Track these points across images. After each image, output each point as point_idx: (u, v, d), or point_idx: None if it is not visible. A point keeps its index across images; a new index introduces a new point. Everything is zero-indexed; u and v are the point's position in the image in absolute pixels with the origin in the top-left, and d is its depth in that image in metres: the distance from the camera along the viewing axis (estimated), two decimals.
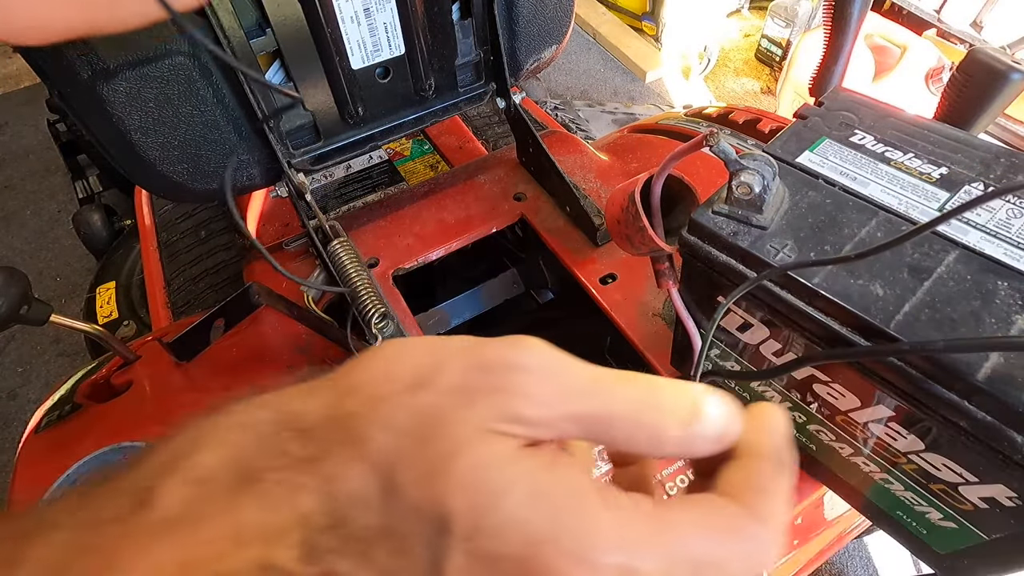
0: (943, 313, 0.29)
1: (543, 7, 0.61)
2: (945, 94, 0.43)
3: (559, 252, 0.64)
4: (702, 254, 0.36)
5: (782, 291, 0.33)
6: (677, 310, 0.42)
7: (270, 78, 0.52)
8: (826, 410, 0.37)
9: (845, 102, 0.42)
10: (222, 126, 0.50)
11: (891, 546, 1.18)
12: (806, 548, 0.54)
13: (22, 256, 1.85)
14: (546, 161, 0.67)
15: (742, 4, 2.57)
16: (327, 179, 0.97)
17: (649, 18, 2.34)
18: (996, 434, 0.26)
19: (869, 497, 0.40)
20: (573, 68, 2.38)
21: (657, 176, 0.39)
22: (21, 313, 0.47)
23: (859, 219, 0.34)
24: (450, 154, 0.99)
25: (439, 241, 0.66)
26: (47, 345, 1.59)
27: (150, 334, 0.70)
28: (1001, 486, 0.29)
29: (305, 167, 0.57)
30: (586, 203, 0.64)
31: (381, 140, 0.60)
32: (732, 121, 0.83)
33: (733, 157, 0.33)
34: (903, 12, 1.87)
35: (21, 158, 2.15)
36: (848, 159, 0.37)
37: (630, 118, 2.04)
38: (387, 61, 0.56)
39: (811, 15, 2.11)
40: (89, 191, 1.52)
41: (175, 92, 0.46)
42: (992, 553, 0.33)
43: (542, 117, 1.16)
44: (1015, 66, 0.39)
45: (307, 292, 0.60)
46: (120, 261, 1.18)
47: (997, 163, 0.35)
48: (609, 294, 0.60)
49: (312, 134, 0.57)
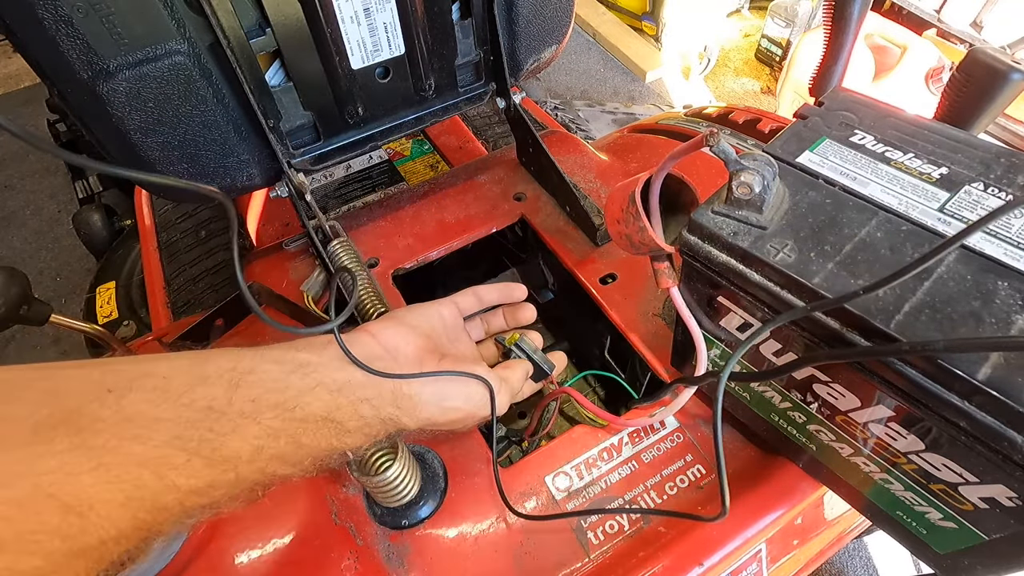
0: (943, 313, 0.29)
1: (543, 7, 0.61)
2: (945, 94, 0.43)
3: (559, 252, 0.64)
4: (702, 254, 0.36)
5: (782, 291, 0.33)
6: (678, 310, 0.42)
7: (270, 78, 0.52)
8: (826, 410, 0.37)
9: (845, 102, 0.42)
10: (222, 126, 0.50)
11: (891, 546, 1.18)
12: (806, 548, 0.54)
13: (22, 256, 1.86)
14: (546, 161, 0.67)
15: (742, 4, 2.57)
16: (327, 179, 0.97)
17: (649, 18, 2.34)
18: (996, 434, 0.26)
19: (869, 497, 0.40)
20: (573, 68, 2.38)
21: (656, 176, 0.39)
22: (21, 313, 0.47)
23: (859, 219, 0.34)
24: (450, 154, 0.99)
25: (439, 241, 0.66)
26: (47, 345, 1.59)
27: (150, 334, 0.70)
28: (1001, 486, 0.29)
29: (305, 167, 0.57)
30: (586, 203, 0.64)
31: (381, 140, 0.60)
32: (732, 121, 0.83)
33: (733, 157, 0.33)
34: (903, 12, 1.87)
35: (21, 158, 2.15)
36: (848, 159, 0.37)
37: (630, 118, 2.04)
38: (387, 61, 0.56)
39: (811, 15, 2.11)
40: (89, 191, 1.51)
41: (175, 92, 0.46)
42: (992, 553, 0.33)
43: (542, 117, 1.16)
44: (1015, 66, 0.39)
45: (307, 292, 0.60)
46: (120, 261, 1.18)
47: (997, 163, 0.35)
48: (609, 294, 0.60)
49: (312, 134, 0.57)
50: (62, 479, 0.22)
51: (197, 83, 0.47)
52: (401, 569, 0.44)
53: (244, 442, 0.29)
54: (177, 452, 0.27)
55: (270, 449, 0.31)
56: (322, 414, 0.34)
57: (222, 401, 0.29)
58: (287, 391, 0.32)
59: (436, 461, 0.49)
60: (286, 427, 0.32)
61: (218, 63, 0.47)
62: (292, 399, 0.32)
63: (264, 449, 0.30)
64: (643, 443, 0.50)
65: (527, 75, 0.67)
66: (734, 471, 0.49)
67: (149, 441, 0.26)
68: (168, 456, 0.26)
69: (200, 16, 0.45)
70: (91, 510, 0.23)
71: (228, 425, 0.29)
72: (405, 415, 0.39)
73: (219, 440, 0.28)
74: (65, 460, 0.23)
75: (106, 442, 0.24)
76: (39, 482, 0.22)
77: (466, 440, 0.50)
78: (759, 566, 0.49)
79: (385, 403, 0.37)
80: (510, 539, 0.46)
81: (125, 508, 0.24)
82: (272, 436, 0.31)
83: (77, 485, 0.23)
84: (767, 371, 0.36)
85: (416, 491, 0.45)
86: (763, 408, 0.43)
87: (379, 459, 0.43)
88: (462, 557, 0.45)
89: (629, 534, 0.46)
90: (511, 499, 0.47)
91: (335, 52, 0.52)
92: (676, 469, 0.49)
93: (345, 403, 0.35)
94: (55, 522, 0.22)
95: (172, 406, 0.27)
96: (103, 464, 0.23)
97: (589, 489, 0.48)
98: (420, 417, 0.39)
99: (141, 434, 0.25)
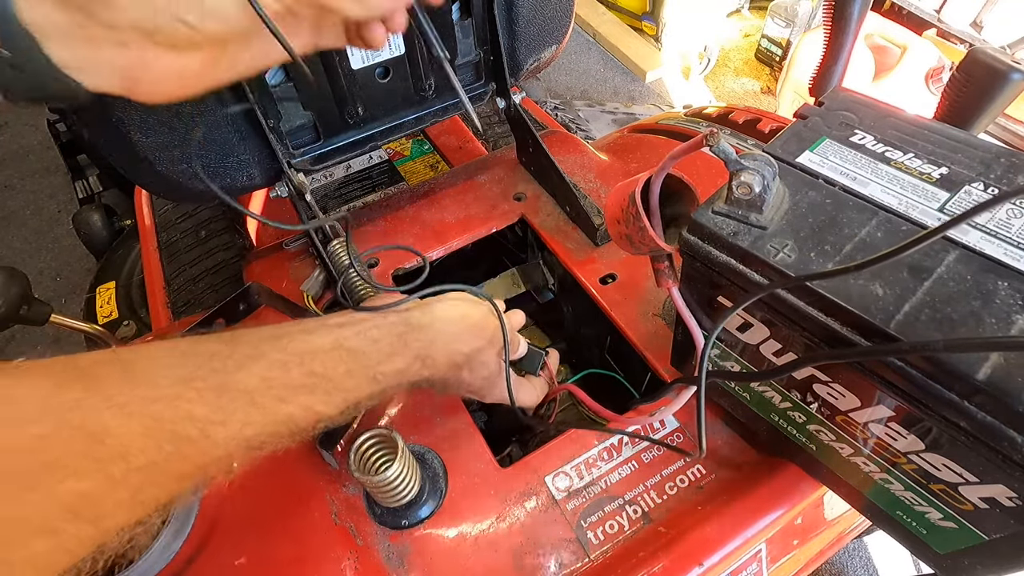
0: (943, 313, 0.29)
1: (543, 7, 0.61)
2: (945, 94, 0.43)
3: (559, 252, 0.64)
4: (702, 254, 0.36)
5: (782, 291, 0.33)
6: (678, 309, 0.42)
7: (270, 78, 0.52)
8: (826, 410, 0.37)
9: (845, 102, 0.42)
10: (222, 126, 0.50)
11: (891, 546, 1.18)
12: (806, 548, 0.54)
13: (22, 256, 1.85)
14: (546, 161, 0.67)
15: (742, 4, 2.57)
16: (327, 179, 0.97)
17: (649, 18, 2.34)
18: (996, 434, 0.26)
19: (869, 497, 0.40)
20: (573, 68, 2.38)
21: (656, 176, 0.39)
22: (21, 313, 0.47)
23: (859, 219, 0.34)
24: (450, 154, 0.99)
25: (439, 241, 0.66)
26: (47, 345, 1.58)
27: (150, 334, 0.70)
28: (1001, 486, 0.29)
29: (305, 167, 0.57)
30: (586, 203, 0.64)
31: (381, 140, 0.60)
32: (732, 121, 0.83)
33: (733, 157, 0.33)
34: (903, 12, 1.86)
35: (21, 158, 2.15)
36: (848, 159, 0.37)
37: (630, 118, 2.04)
38: (387, 61, 0.56)
39: (811, 15, 2.11)
40: (89, 191, 1.51)
41: None
42: (992, 553, 0.33)
43: (542, 117, 1.15)
44: (1015, 66, 0.39)
45: (307, 292, 0.60)
46: (120, 261, 1.18)
47: (997, 163, 0.35)
48: (609, 294, 0.60)
49: (312, 134, 0.57)
50: (82, 415, 0.24)
51: None
52: (401, 569, 0.44)
53: (252, 375, 0.31)
54: (187, 389, 0.28)
55: (283, 378, 0.32)
56: (331, 343, 0.35)
57: (225, 351, 0.31)
58: (288, 334, 0.34)
59: (436, 461, 0.49)
60: (295, 359, 0.33)
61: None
62: (296, 337, 0.34)
63: (275, 378, 0.32)
64: (643, 443, 0.50)
65: (527, 75, 0.67)
66: (734, 471, 0.49)
67: (158, 385, 0.27)
68: (179, 392, 0.28)
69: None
70: (114, 438, 0.25)
71: (233, 364, 0.31)
72: (418, 331, 0.40)
73: (227, 375, 0.30)
74: (82, 402, 0.25)
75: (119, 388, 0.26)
76: (63, 418, 0.24)
77: (466, 440, 0.50)
78: (759, 566, 0.49)
79: (393, 324, 0.39)
80: (510, 539, 0.46)
81: (147, 438, 0.26)
82: (282, 367, 0.32)
83: (98, 419, 0.25)
84: (767, 371, 0.36)
85: (416, 491, 0.45)
86: (763, 408, 0.43)
87: (379, 459, 0.43)
88: (462, 557, 0.45)
89: (629, 534, 0.46)
90: (511, 499, 0.47)
91: (335, 52, 0.52)
92: (676, 469, 0.49)
93: (350, 333, 0.37)
94: (82, 447, 0.24)
95: (178, 359, 0.29)
96: (116, 403, 0.25)
97: (589, 489, 0.48)
98: (435, 330, 0.41)
99: (149, 380, 0.27)
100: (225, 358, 0.30)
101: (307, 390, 0.33)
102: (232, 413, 0.29)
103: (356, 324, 0.38)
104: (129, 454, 0.25)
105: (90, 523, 0.24)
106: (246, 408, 0.30)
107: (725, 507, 0.45)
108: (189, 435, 0.27)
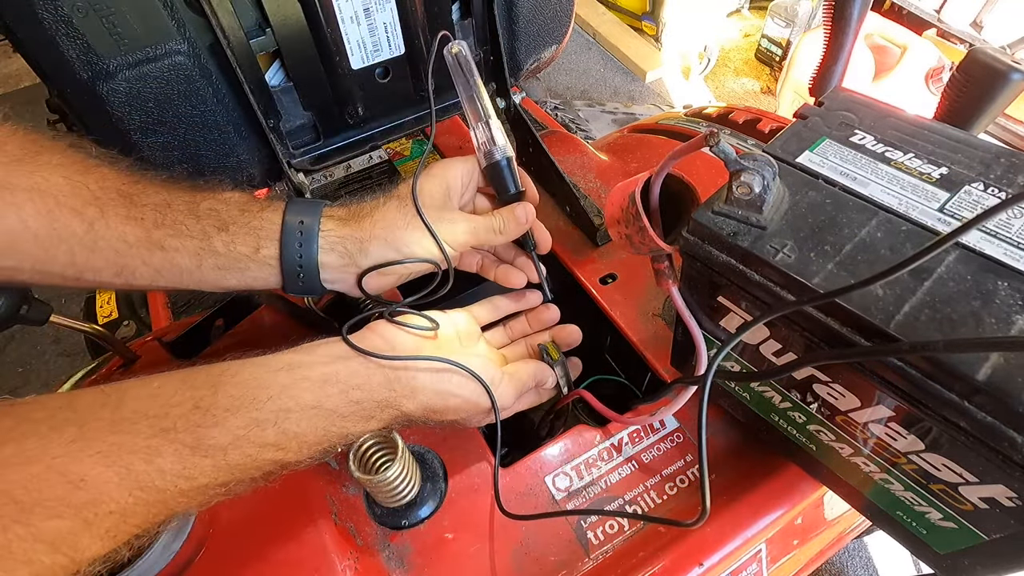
0: (943, 313, 0.29)
1: (543, 7, 0.61)
2: (945, 94, 0.43)
3: (559, 252, 0.64)
4: (702, 254, 0.36)
5: (782, 291, 0.33)
6: (678, 309, 0.42)
7: (270, 78, 0.52)
8: (826, 410, 0.37)
9: (845, 102, 0.42)
10: (222, 126, 0.50)
11: (891, 546, 1.18)
12: (806, 548, 0.54)
13: None
14: (546, 161, 0.67)
15: (742, 4, 2.57)
16: (327, 179, 0.97)
17: (649, 18, 2.34)
18: (996, 434, 0.26)
19: (869, 497, 0.40)
20: (573, 68, 2.38)
21: (656, 176, 0.39)
22: (21, 313, 0.47)
23: (859, 219, 0.34)
24: (450, 154, 0.99)
25: None
26: (47, 345, 1.58)
27: (150, 334, 0.70)
28: (1001, 486, 0.29)
29: (305, 167, 0.57)
30: (586, 203, 0.64)
31: (381, 140, 0.60)
32: (732, 121, 0.83)
33: (733, 157, 0.33)
34: (903, 12, 1.87)
35: None
36: (848, 159, 0.37)
37: (630, 118, 2.04)
38: (387, 61, 0.56)
39: (811, 15, 2.11)
40: None
41: (175, 92, 0.46)
42: (992, 553, 0.33)
43: (542, 117, 1.16)
44: (1015, 66, 0.39)
45: None
46: None
47: (997, 163, 0.35)
48: (609, 294, 0.60)
49: (312, 134, 0.57)
50: (67, 461, 0.28)
51: (197, 83, 0.47)
52: (401, 569, 0.44)
53: (227, 432, 0.33)
54: (164, 443, 0.31)
55: (256, 437, 0.34)
56: (311, 403, 0.37)
57: (208, 400, 0.34)
58: (271, 387, 0.36)
59: (436, 461, 0.49)
60: (271, 417, 0.35)
61: (218, 63, 0.47)
62: (277, 393, 0.36)
63: (248, 437, 0.34)
64: (643, 443, 0.50)
65: (527, 75, 0.67)
66: (734, 471, 0.49)
67: (139, 435, 0.31)
68: (156, 446, 0.31)
69: (200, 16, 0.45)
70: (91, 486, 0.28)
71: (211, 419, 0.33)
72: (403, 398, 0.41)
73: (203, 431, 0.33)
74: (70, 448, 0.28)
75: (104, 436, 0.30)
76: (50, 463, 0.27)
77: (466, 440, 0.50)
78: (759, 566, 0.49)
79: (378, 387, 0.40)
80: (510, 539, 0.46)
81: (120, 487, 0.29)
82: (257, 425, 0.34)
83: (79, 466, 0.28)
84: (767, 371, 0.36)
85: (416, 491, 0.45)
86: (763, 408, 0.43)
87: (379, 459, 0.43)
88: (462, 557, 0.45)
89: (629, 534, 0.46)
90: (511, 499, 0.47)
91: (335, 52, 0.52)
92: (676, 469, 0.49)
93: (333, 392, 0.38)
94: (62, 493, 0.27)
95: (162, 407, 0.32)
96: (100, 452, 0.29)
97: (589, 489, 0.48)
98: (418, 401, 0.42)
99: (133, 429, 0.31)
100: (205, 411, 0.33)
101: (278, 448, 0.35)
102: (202, 471, 0.32)
103: (337, 382, 0.38)
104: (101, 501, 0.28)
105: (66, 556, 0.27)
106: (216, 464, 0.33)
107: (725, 507, 0.46)
108: (158, 486, 0.31)
